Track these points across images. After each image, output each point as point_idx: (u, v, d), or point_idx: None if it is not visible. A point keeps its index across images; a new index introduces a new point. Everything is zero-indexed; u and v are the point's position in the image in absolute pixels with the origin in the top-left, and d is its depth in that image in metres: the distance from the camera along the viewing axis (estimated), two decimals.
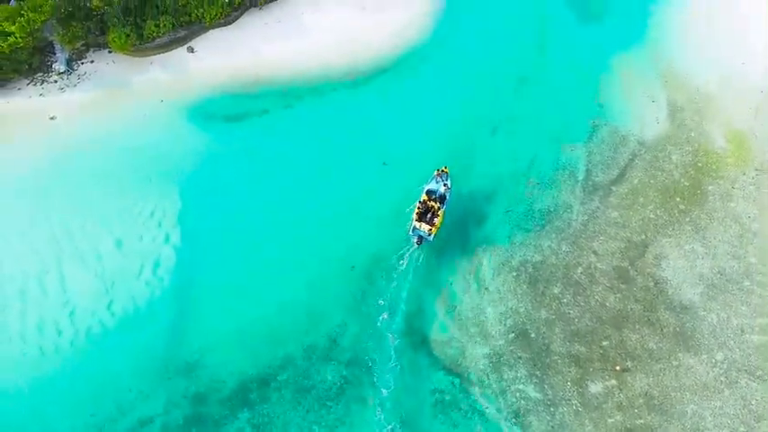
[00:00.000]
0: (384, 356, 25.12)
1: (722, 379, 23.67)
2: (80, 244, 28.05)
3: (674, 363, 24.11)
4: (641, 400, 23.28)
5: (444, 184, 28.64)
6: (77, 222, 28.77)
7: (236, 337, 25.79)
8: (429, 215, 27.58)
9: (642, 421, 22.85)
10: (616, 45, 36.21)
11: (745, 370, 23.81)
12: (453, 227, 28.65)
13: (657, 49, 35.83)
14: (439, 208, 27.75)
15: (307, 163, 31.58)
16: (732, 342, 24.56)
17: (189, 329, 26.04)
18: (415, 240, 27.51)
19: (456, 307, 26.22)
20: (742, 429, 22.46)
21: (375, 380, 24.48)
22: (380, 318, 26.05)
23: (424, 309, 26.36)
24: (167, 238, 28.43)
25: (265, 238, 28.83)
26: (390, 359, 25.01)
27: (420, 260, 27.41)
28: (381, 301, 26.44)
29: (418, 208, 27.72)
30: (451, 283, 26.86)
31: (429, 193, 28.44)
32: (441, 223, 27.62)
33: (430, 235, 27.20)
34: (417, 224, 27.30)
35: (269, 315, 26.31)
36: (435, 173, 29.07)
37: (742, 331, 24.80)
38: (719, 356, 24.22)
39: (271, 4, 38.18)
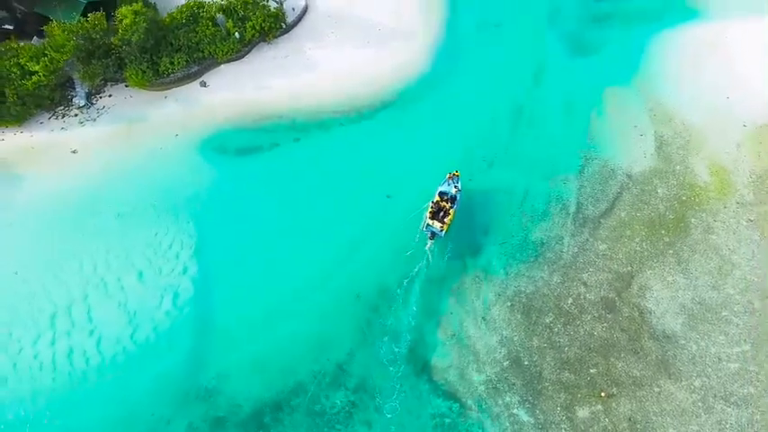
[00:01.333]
0: (388, 382, 27.14)
1: (700, 404, 25.65)
2: (104, 276, 30.13)
3: (656, 389, 26.10)
4: (625, 425, 25.29)
5: (455, 187, 31.65)
6: (101, 255, 30.86)
7: (252, 364, 27.73)
8: (441, 214, 30.46)
9: None
10: (607, 80, 38.10)
11: (721, 396, 25.79)
12: (452, 257, 30.72)
13: (647, 84, 37.71)
14: (450, 208, 30.67)
15: (315, 195, 33.50)
16: (710, 369, 26.54)
17: (207, 357, 28.05)
18: (429, 236, 30.62)
19: (455, 335, 28.21)
20: None
21: (380, 404, 26.49)
22: (384, 345, 28.13)
23: (425, 337, 28.31)
24: (185, 270, 30.46)
25: (276, 270, 30.74)
26: (394, 385, 27.03)
27: (422, 290, 29.41)
28: (385, 330, 28.56)
29: (431, 207, 30.69)
30: (451, 313, 28.84)
31: (441, 194, 31.42)
32: (451, 221, 30.57)
33: (441, 231, 30.22)
34: (431, 222, 30.33)
35: (281, 344, 28.26)
36: (447, 176, 32.10)
37: (719, 359, 26.78)
38: (698, 383, 26.20)
39: (279, 40, 40.19)
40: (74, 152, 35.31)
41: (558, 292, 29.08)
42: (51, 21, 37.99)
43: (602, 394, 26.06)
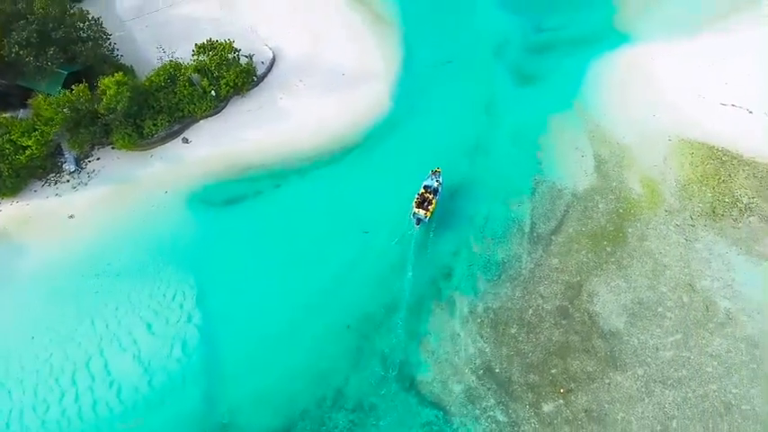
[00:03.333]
0: (381, 399, 31.18)
1: (643, 390, 30.52)
2: (116, 331, 33.24)
3: (607, 381, 30.89)
4: (583, 414, 29.97)
5: (437, 181, 37.68)
6: (111, 312, 33.94)
7: (259, 396, 31.32)
8: (426, 203, 36.24)
9: (585, 430, 29.51)
10: (550, 106, 42.80)
11: (660, 381, 30.72)
12: (428, 282, 34.92)
13: (584, 107, 42.63)
14: (433, 198, 36.60)
15: (299, 237, 37.11)
16: (649, 359, 31.47)
17: (219, 395, 31.48)
18: (415, 222, 36.33)
19: (435, 353, 32.43)
20: (659, 428, 29.36)
21: (376, 421, 30.51)
22: (376, 368, 32.13)
23: (409, 357, 32.39)
24: (190, 318, 33.80)
25: (272, 308, 34.32)
26: (386, 401, 31.08)
27: (404, 316, 33.51)
28: (375, 354, 32.55)
29: (417, 198, 36.47)
30: (430, 333, 33.04)
31: (426, 187, 37.27)
32: (434, 209, 36.56)
33: (426, 217, 36.07)
34: (417, 210, 36.18)
35: (284, 374, 31.93)
36: (431, 172, 38.11)
37: (657, 349, 31.75)
38: (640, 372, 31.09)
39: (251, 92, 43.59)
40: (71, 217, 38.07)
41: (520, 305, 33.62)
42: (35, 92, 40.67)
43: (562, 390, 30.69)
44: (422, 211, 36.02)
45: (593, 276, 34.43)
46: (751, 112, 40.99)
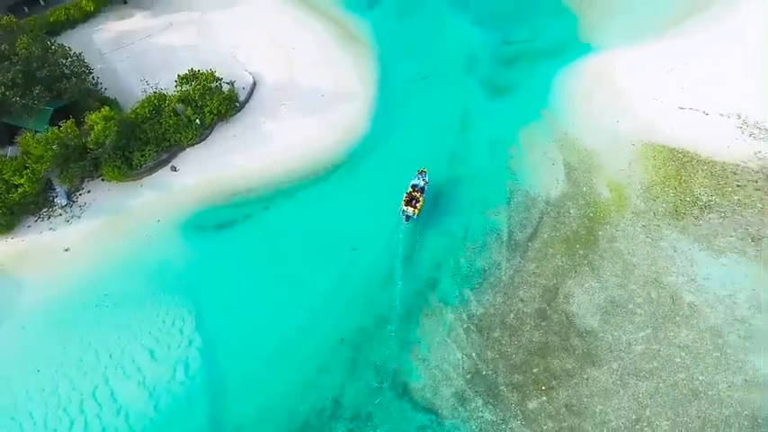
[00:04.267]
0: (377, 407, 33.18)
1: (618, 382, 33.02)
2: (120, 359, 34.62)
3: (585, 376, 33.33)
4: (564, 409, 32.35)
5: (423, 180, 40.69)
6: (113, 341, 35.29)
7: (262, 412, 32.95)
8: (414, 201, 39.28)
9: (567, 424, 31.89)
10: (521, 117, 45.22)
11: (633, 373, 33.26)
12: (416, 293, 36.99)
13: (553, 116, 45.12)
14: (420, 196, 39.58)
15: (289, 256, 38.86)
16: (623, 353, 33.99)
17: (223, 414, 33.12)
18: (405, 219, 39.20)
19: (425, 360, 34.52)
20: (633, 417, 31.90)
21: (374, 429, 32.49)
22: (370, 378, 34.10)
23: (402, 365, 34.38)
24: (190, 342, 35.31)
25: (268, 327, 35.95)
26: (382, 409, 33.09)
27: (394, 327, 35.53)
28: (369, 364, 34.51)
29: (406, 197, 39.43)
30: (420, 342, 35.11)
31: (413, 186, 40.28)
32: (421, 207, 39.50)
33: (414, 214, 38.97)
34: (405, 207, 39.11)
35: (284, 390, 33.57)
36: (417, 172, 41.19)
37: (629, 344, 34.30)
38: (615, 366, 33.59)
39: (235, 117, 45.14)
40: (66, 250, 39.24)
41: (502, 310, 35.88)
42: (22, 129, 41.65)
43: (544, 388, 33.02)
44: (410, 209, 39.04)
45: (569, 279, 36.87)
46: (707, 114, 43.85)
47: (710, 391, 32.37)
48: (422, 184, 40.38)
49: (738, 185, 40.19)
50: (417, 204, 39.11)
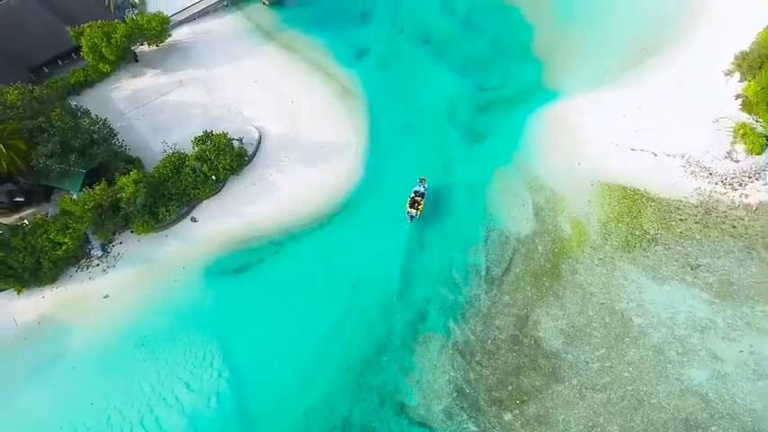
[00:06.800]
0: (380, 424, 39.91)
1: (577, 395, 40.01)
2: (161, 392, 41.09)
3: (550, 391, 40.27)
4: (534, 419, 39.29)
5: (424, 187, 49.53)
6: (154, 376, 41.68)
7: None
8: (416, 204, 47.95)
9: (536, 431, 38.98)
10: (496, 161, 51.58)
11: (590, 387, 40.26)
12: (406, 324, 43.61)
13: (523, 160, 51.60)
14: (421, 200, 48.46)
15: (299, 294, 45.29)
16: (582, 370, 40.95)
17: None
18: (409, 219, 47.61)
19: (419, 382, 41.26)
20: (590, 424, 38.94)
21: None
22: (373, 399, 40.80)
23: (398, 387, 41.17)
24: (220, 374, 41.81)
25: (285, 357, 42.57)
26: (384, 425, 39.84)
27: (392, 355, 42.20)
28: (371, 388, 41.22)
29: (409, 200, 48.14)
30: (414, 368, 41.82)
31: (415, 192, 49.07)
32: (422, 209, 48.24)
33: (417, 215, 47.68)
34: (409, 209, 47.79)
35: (302, 412, 40.31)
36: (418, 180, 49.76)
37: (587, 362, 41.25)
38: (575, 381, 40.56)
39: (245, 171, 51.16)
40: (105, 297, 45.35)
41: (482, 337, 42.67)
42: (55, 189, 47.49)
43: (517, 402, 39.96)
44: (413, 210, 47.64)
45: (537, 308, 43.70)
46: (656, 155, 50.63)
47: (653, 400, 39.45)
48: (422, 189, 49.37)
49: (681, 219, 47.14)
50: (419, 207, 47.94)
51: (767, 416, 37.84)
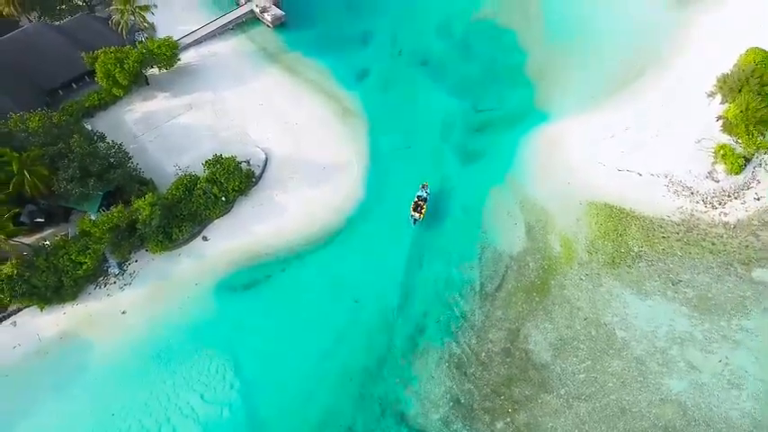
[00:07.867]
0: None
1: (564, 404, 43.00)
2: (177, 402, 44.01)
3: (539, 401, 43.26)
4: (524, 427, 42.26)
5: (426, 192, 53.37)
6: (170, 388, 44.62)
7: None
8: (419, 208, 51.80)
9: None
10: (489, 181, 54.65)
11: (576, 397, 43.26)
12: (405, 338, 46.59)
13: (515, 180, 54.61)
14: (424, 204, 52.27)
15: (304, 309, 48.23)
16: (569, 381, 43.95)
17: None
18: (412, 222, 51.21)
19: (417, 392, 44.26)
20: (576, 431, 42.06)
21: None
22: (375, 408, 43.82)
23: (398, 397, 44.17)
24: (232, 386, 44.76)
25: (292, 368, 45.47)
26: None
27: (392, 367, 45.19)
28: (373, 398, 44.24)
29: (413, 204, 52.02)
30: (413, 378, 44.83)
31: (418, 197, 52.98)
32: (425, 212, 52.00)
33: (420, 218, 51.59)
34: (413, 213, 51.50)
35: (309, 421, 43.32)
36: (421, 186, 53.51)
37: (573, 373, 44.25)
38: (563, 392, 43.56)
39: (252, 191, 54.10)
40: (123, 313, 48.31)
41: (476, 350, 45.66)
42: (74, 210, 50.42)
43: (509, 410, 42.96)
44: (416, 214, 51.58)
45: (528, 322, 46.68)
46: (641, 175, 53.59)
47: (634, 409, 42.43)
48: (425, 194, 53.25)
49: (663, 237, 50.13)
50: (422, 210, 51.82)
51: (741, 423, 40.86)
